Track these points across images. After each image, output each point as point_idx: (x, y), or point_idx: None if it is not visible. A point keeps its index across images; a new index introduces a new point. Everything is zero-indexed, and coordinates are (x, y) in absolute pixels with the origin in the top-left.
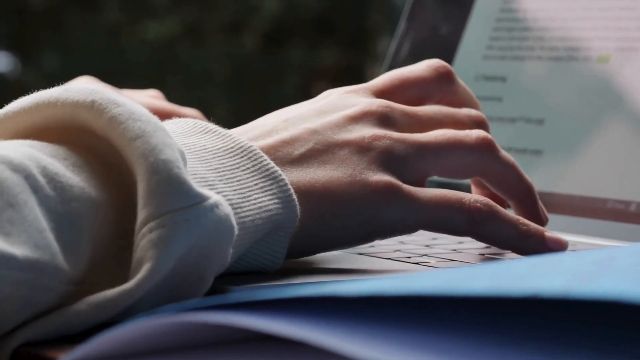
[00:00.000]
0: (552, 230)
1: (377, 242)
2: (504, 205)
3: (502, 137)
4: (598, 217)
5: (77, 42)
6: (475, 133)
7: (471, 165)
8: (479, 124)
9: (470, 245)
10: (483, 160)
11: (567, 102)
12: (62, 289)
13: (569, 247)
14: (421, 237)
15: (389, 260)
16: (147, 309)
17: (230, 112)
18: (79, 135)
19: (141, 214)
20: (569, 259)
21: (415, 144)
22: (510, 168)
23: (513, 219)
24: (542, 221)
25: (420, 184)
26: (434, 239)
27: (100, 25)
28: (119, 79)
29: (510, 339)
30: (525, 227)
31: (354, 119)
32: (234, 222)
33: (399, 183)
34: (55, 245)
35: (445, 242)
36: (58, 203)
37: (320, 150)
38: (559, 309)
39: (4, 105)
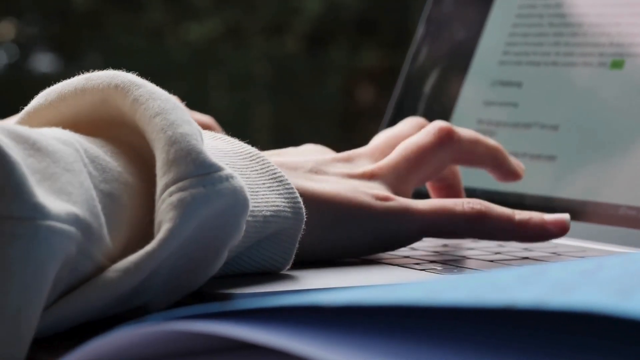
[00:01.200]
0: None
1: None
2: None
3: (516, 143)
4: (610, 224)
5: (119, 43)
6: (432, 129)
7: (443, 160)
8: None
9: (479, 252)
10: (450, 150)
11: (581, 108)
12: (101, 262)
13: (582, 254)
14: (430, 244)
15: (397, 267)
16: (166, 280)
17: (272, 114)
18: (108, 126)
19: (160, 182)
20: (556, 268)
21: (389, 168)
22: (475, 143)
23: (507, 211)
24: (519, 173)
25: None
26: (444, 245)
27: (143, 26)
28: (161, 79)
29: (496, 348)
30: (520, 216)
31: (334, 159)
32: (248, 195)
33: (398, 198)
34: (102, 216)
35: (453, 249)
36: (101, 182)
37: (317, 173)
38: (560, 320)
39: None
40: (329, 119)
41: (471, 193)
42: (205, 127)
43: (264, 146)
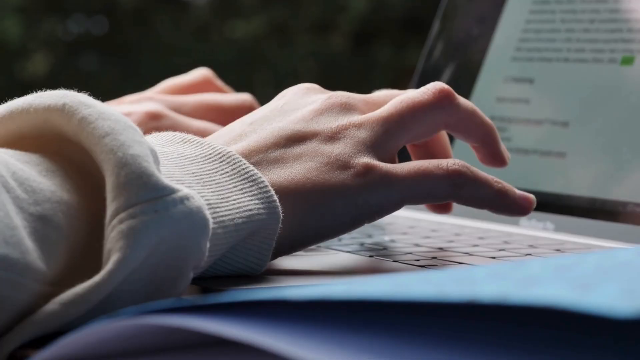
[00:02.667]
0: (569, 234)
1: (390, 244)
2: None
3: (527, 139)
4: (617, 221)
5: (165, 40)
6: (431, 87)
7: (437, 122)
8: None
9: (484, 248)
10: (446, 113)
11: (591, 104)
12: (38, 289)
13: (584, 249)
14: (436, 240)
15: (396, 264)
16: (129, 300)
17: None
18: (53, 142)
19: (110, 207)
20: (533, 264)
21: (380, 120)
22: (472, 113)
23: (488, 178)
24: (505, 159)
25: (393, 157)
26: (450, 241)
27: (189, 24)
28: None
29: (467, 342)
30: (499, 185)
31: (318, 111)
32: (208, 215)
33: (376, 162)
34: (27, 244)
35: (459, 246)
36: (30, 204)
37: (292, 146)
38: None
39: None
40: None
41: None
42: (245, 106)
43: None
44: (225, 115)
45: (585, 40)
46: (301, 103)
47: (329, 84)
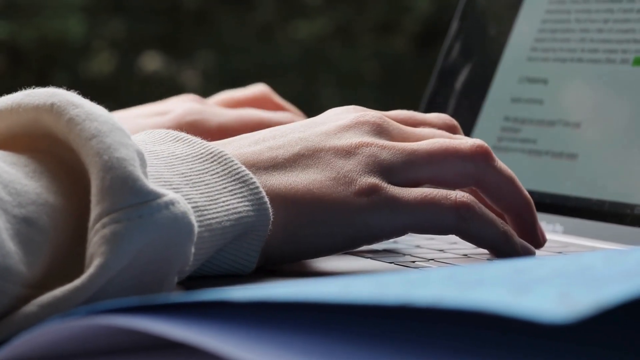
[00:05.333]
0: (578, 236)
1: (395, 246)
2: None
3: (540, 140)
4: (625, 223)
5: (229, 40)
6: (471, 141)
7: (466, 174)
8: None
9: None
10: (478, 169)
11: (603, 105)
12: (18, 291)
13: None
14: (436, 242)
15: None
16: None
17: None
18: (44, 141)
19: (94, 210)
20: (494, 267)
21: (405, 151)
22: (508, 179)
23: (496, 218)
24: (540, 241)
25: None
26: (454, 242)
27: (253, 24)
28: (272, 77)
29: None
30: (505, 227)
31: (345, 127)
32: (193, 221)
33: (384, 184)
34: (8, 246)
35: (460, 247)
36: (14, 207)
37: (305, 155)
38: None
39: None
40: None
41: None
42: (259, 98)
43: None
44: None
45: (599, 41)
46: (334, 118)
47: (392, 85)
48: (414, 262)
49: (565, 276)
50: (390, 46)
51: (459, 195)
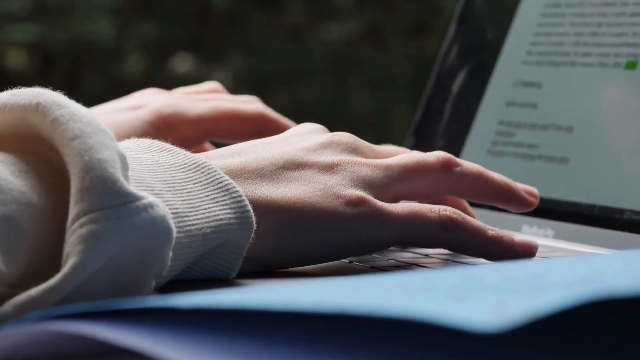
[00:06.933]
0: (568, 241)
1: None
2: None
3: (533, 145)
4: (614, 228)
5: (259, 42)
6: (436, 153)
7: (439, 185)
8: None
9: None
10: (448, 178)
11: (595, 109)
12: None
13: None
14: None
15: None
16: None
17: (411, 115)
18: (31, 141)
19: (73, 210)
20: (447, 275)
21: (382, 166)
22: (478, 177)
23: (481, 225)
24: (532, 202)
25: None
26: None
27: (283, 26)
28: (302, 79)
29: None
30: (493, 232)
31: (323, 145)
32: (172, 225)
33: (370, 198)
34: None
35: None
36: None
37: (290, 169)
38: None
39: None
40: None
41: None
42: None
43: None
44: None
45: (593, 44)
46: (307, 137)
47: (423, 87)
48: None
49: (512, 283)
50: (421, 48)
51: (442, 208)
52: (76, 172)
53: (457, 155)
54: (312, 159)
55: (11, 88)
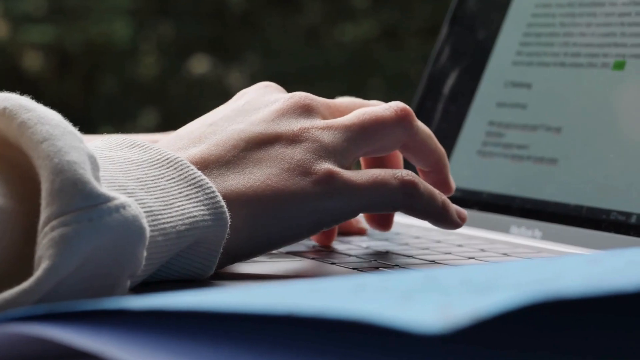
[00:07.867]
0: (555, 242)
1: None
2: None
3: (522, 146)
4: (601, 229)
5: (276, 43)
6: (394, 105)
7: (397, 139)
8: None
9: (455, 256)
10: (406, 132)
11: (584, 109)
12: None
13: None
14: (424, 240)
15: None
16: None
17: None
18: None
19: (44, 213)
20: (402, 277)
21: (341, 128)
22: (429, 137)
23: (435, 191)
24: (451, 188)
25: (350, 166)
26: (437, 241)
27: (299, 26)
28: (318, 80)
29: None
30: (443, 197)
31: (279, 112)
32: (145, 224)
33: (337, 169)
34: None
35: (445, 246)
36: None
37: (253, 150)
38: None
39: (208, 105)
40: None
41: (474, 193)
42: None
43: None
44: None
45: (582, 45)
46: (262, 102)
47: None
48: (377, 267)
49: (467, 285)
50: None
51: (403, 173)
52: (46, 174)
53: (448, 156)
54: (272, 131)
55: (28, 90)
